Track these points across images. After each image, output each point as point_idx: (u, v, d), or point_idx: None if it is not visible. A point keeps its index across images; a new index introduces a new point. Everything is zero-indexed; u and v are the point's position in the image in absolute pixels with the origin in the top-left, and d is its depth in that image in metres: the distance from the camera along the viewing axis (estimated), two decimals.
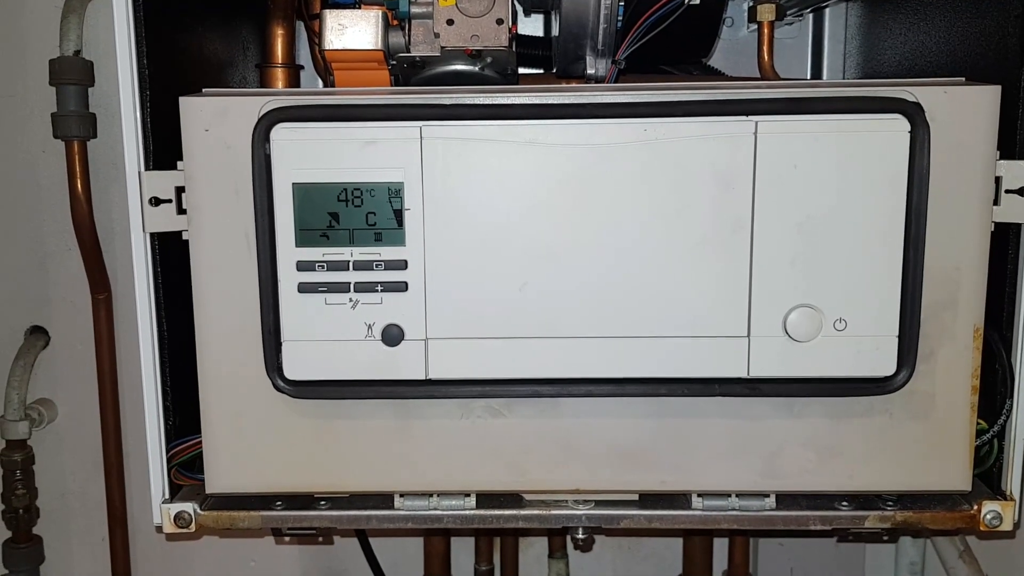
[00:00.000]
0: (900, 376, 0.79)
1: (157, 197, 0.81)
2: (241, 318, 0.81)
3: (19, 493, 1.27)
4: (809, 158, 0.77)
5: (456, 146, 0.78)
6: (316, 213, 0.78)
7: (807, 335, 0.79)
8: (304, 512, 0.85)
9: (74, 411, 1.30)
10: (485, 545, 1.36)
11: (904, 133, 0.77)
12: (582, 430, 0.83)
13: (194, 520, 0.85)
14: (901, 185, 0.77)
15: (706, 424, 0.83)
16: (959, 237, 0.79)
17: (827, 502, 0.85)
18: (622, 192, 0.78)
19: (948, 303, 0.80)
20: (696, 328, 0.79)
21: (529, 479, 0.84)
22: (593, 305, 0.79)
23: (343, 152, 0.77)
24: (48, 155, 1.24)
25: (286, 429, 0.83)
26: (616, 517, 0.85)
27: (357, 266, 0.79)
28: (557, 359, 0.80)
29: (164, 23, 0.85)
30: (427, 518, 0.86)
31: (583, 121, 0.77)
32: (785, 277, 0.78)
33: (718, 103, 0.77)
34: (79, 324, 1.27)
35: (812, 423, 0.82)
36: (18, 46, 1.22)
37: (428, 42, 0.87)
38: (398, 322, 0.79)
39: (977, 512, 0.84)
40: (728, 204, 0.78)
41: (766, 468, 0.83)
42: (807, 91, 0.79)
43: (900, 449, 0.82)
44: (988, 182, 0.79)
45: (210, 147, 0.79)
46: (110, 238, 1.23)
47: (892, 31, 1.09)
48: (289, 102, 0.77)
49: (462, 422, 0.83)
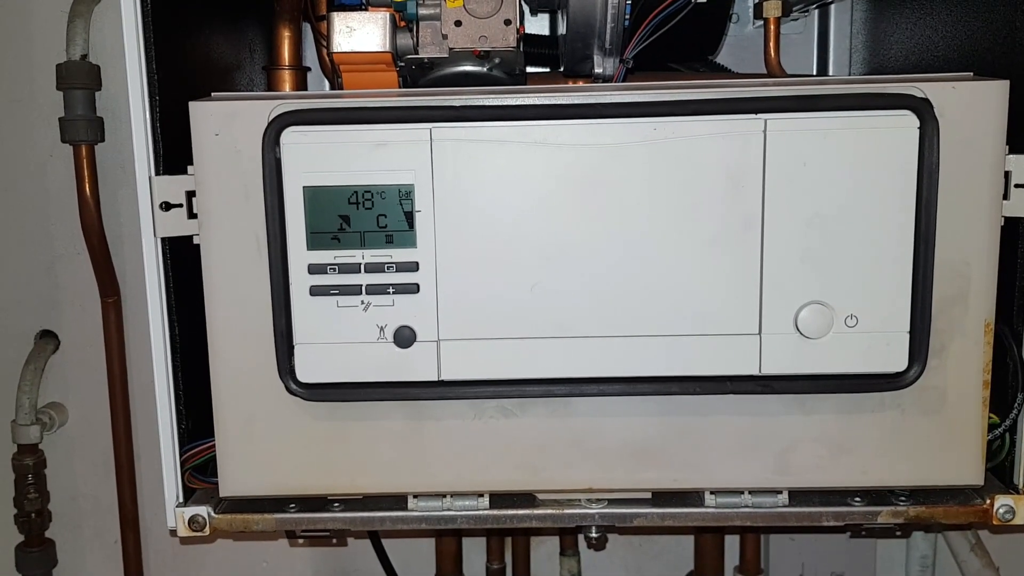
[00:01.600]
0: (912, 372, 0.80)
1: (168, 202, 0.81)
2: (253, 321, 0.81)
3: (31, 497, 1.27)
4: (818, 155, 0.77)
5: (466, 147, 0.78)
6: (327, 216, 0.78)
7: (818, 332, 0.79)
8: (318, 514, 0.86)
9: (85, 414, 1.31)
10: (497, 544, 1.37)
11: (913, 129, 0.77)
12: (594, 429, 0.83)
13: (208, 523, 0.85)
14: (911, 181, 0.77)
15: (718, 422, 0.83)
16: (969, 232, 0.79)
17: (840, 498, 0.85)
18: (632, 191, 0.78)
19: (958, 298, 0.80)
20: (707, 326, 0.79)
21: (542, 478, 0.84)
22: (604, 304, 0.79)
23: (353, 155, 0.78)
24: (56, 159, 1.24)
25: (299, 432, 0.83)
26: (629, 515, 0.85)
27: (368, 268, 0.79)
28: (569, 359, 0.80)
29: (171, 27, 0.85)
30: (441, 519, 0.86)
31: (592, 121, 0.77)
32: (796, 274, 0.79)
33: (727, 101, 0.77)
34: (89, 328, 1.27)
35: (824, 419, 0.82)
36: (25, 51, 1.22)
37: (436, 43, 0.87)
38: (410, 324, 0.80)
39: (990, 506, 0.84)
40: (738, 202, 0.78)
41: (778, 465, 0.83)
42: (816, 88, 0.79)
43: (912, 444, 0.83)
44: (997, 177, 0.79)
45: (220, 151, 0.79)
46: (119, 241, 1.23)
47: (898, 26, 1.09)
48: (299, 105, 0.78)
49: (475, 423, 0.83)
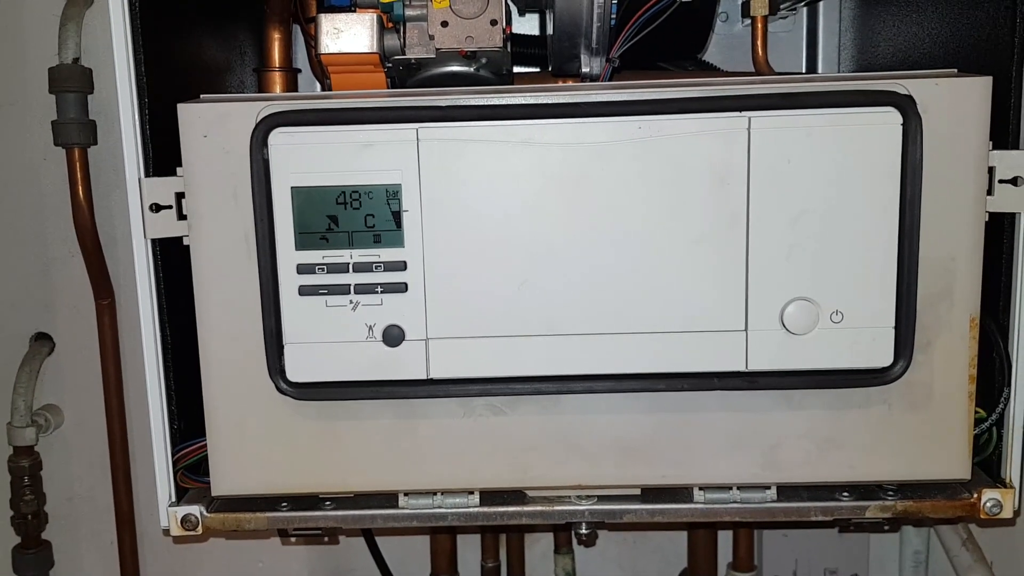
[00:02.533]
0: (897, 367, 0.80)
1: (158, 203, 0.82)
2: (243, 322, 0.81)
3: (27, 499, 1.27)
4: (802, 152, 0.78)
5: (452, 147, 0.78)
6: (315, 216, 0.79)
7: (804, 328, 0.80)
8: (309, 513, 0.86)
9: (80, 416, 1.31)
10: (491, 542, 1.37)
11: (896, 126, 0.77)
12: (583, 426, 0.84)
13: (201, 522, 0.86)
14: (895, 177, 0.78)
15: (706, 418, 0.83)
16: (953, 228, 0.80)
17: (828, 493, 0.86)
18: (618, 190, 0.78)
19: (944, 293, 0.81)
20: (694, 323, 0.80)
21: (532, 476, 0.85)
22: (592, 302, 0.80)
23: (341, 155, 0.78)
24: (49, 163, 1.24)
25: (290, 431, 0.84)
26: (619, 512, 0.86)
27: (357, 268, 0.79)
28: (557, 356, 0.81)
29: (161, 29, 0.86)
30: (431, 516, 0.86)
31: (578, 120, 0.78)
32: (781, 271, 0.79)
33: (711, 100, 0.78)
34: (83, 330, 1.27)
35: (811, 415, 0.83)
36: (17, 54, 1.22)
37: (423, 44, 0.87)
38: (398, 323, 0.80)
39: (977, 500, 0.85)
40: (723, 200, 0.78)
41: (767, 460, 0.84)
42: (799, 86, 0.79)
43: (899, 439, 0.83)
44: (981, 172, 0.79)
45: (209, 153, 0.79)
46: (112, 243, 1.24)
47: (885, 23, 1.09)
48: (286, 106, 0.78)
49: (464, 421, 0.84)
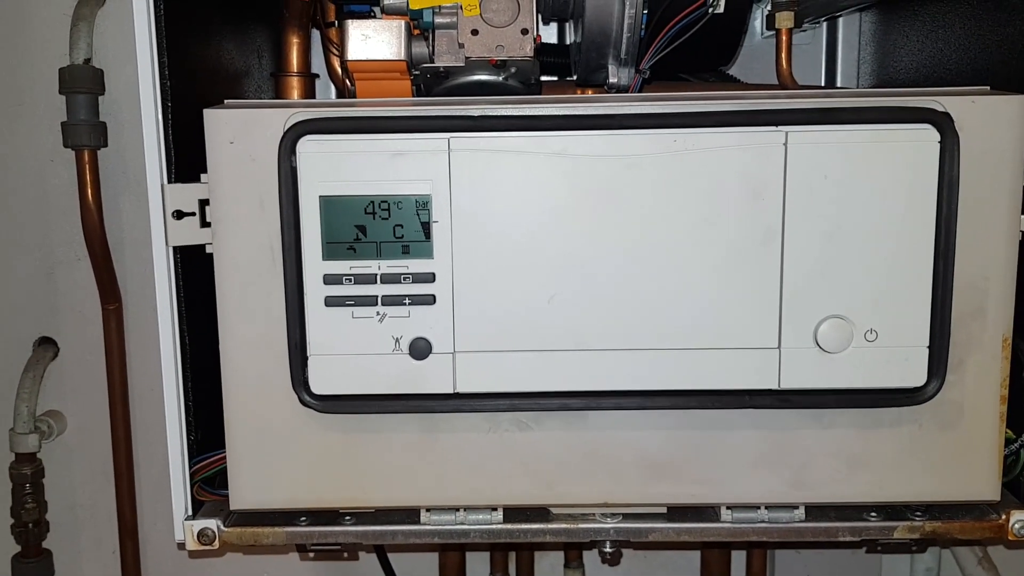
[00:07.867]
0: (931, 386, 0.79)
1: (180, 210, 0.80)
2: (266, 332, 0.80)
3: (29, 507, 1.25)
4: (839, 168, 0.77)
5: (484, 158, 0.77)
6: (343, 226, 0.77)
7: (838, 346, 0.78)
8: (329, 528, 0.85)
9: (84, 423, 1.29)
10: (501, 556, 1.35)
11: (934, 143, 0.76)
12: (610, 443, 0.82)
13: (218, 537, 0.84)
14: (931, 195, 0.77)
15: (735, 436, 0.82)
16: (987, 246, 0.79)
17: (856, 513, 0.85)
18: (651, 203, 0.77)
19: (977, 313, 0.80)
20: (726, 340, 0.79)
21: (556, 492, 0.83)
22: (622, 317, 0.79)
23: (370, 164, 0.77)
24: (57, 164, 1.22)
25: (312, 444, 0.82)
26: (644, 530, 0.85)
27: (384, 279, 0.78)
28: (585, 372, 0.79)
29: (181, 34, 0.84)
30: (454, 532, 0.85)
31: (612, 132, 0.77)
32: (816, 288, 0.78)
33: (748, 114, 0.77)
34: (88, 335, 1.25)
35: (842, 434, 0.82)
36: (27, 55, 1.20)
37: (452, 52, 0.86)
38: (426, 335, 0.79)
39: (1005, 522, 0.84)
40: (758, 215, 0.77)
41: (795, 479, 0.83)
42: (836, 101, 0.78)
43: (929, 459, 0.82)
44: (1016, 191, 0.79)
45: (235, 160, 0.78)
46: (120, 248, 1.22)
47: (908, 38, 1.09)
48: (316, 114, 0.77)
49: (489, 436, 0.82)
